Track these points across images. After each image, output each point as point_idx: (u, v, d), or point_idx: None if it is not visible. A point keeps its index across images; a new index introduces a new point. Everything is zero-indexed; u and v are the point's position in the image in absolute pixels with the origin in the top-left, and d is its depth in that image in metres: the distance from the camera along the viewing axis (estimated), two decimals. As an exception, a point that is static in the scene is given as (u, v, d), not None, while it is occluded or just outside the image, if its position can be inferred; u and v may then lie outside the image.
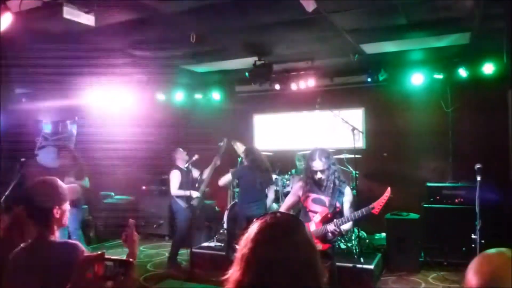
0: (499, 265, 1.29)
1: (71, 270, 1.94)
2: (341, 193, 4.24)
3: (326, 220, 4.17)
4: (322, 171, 4.19)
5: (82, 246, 2.38)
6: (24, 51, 6.42)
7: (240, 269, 1.40)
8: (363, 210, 4.12)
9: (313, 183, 4.29)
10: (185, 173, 7.17)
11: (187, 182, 7.10)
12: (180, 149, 7.40)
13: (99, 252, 1.88)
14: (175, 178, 7.12)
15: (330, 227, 4.08)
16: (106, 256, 1.90)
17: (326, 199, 4.21)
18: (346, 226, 4.20)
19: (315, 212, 4.22)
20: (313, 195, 4.28)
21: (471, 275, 1.31)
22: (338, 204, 4.20)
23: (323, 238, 4.12)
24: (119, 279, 1.91)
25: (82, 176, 6.94)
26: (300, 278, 1.35)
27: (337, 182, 4.23)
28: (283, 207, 4.69)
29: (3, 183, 6.80)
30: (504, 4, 4.14)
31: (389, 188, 4.25)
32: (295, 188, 4.55)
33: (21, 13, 4.16)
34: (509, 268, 1.26)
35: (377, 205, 4.08)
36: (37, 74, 8.58)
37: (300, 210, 4.58)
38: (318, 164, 4.19)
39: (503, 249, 1.30)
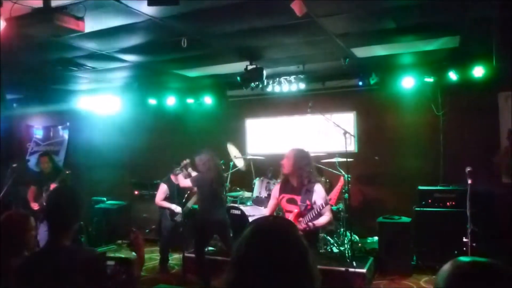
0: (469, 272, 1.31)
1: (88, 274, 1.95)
2: (312, 192, 4.37)
3: (299, 219, 4.33)
4: (291, 171, 4.43)
5: (97, 251, 2.38)
6: (15, 57, 6.39)
7: (234, 272, 1.41)
8: (322, 203, 4.26)
9: (286, 184, 4.52)
10: (175, 186, 7.20)
11: (175, 196, 7.14)
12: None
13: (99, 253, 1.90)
14: (161, 191, 7.24)
15: (299, 225, 4.20)
16: (108, 256, 1.92)
17: (297, 198, 4.38)
18: (320, 221, 4.31)
19: (290, 212, 4.39)
20: (287, 196, 4.48)
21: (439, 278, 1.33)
22: (308, 202, 4.33)
23: None
24: (120, 278, 1.92)
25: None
26: (294, 281, 1.36)
27: (305, 181, 4.39)
28: (267, 211, 4.93)
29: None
30: (492, 7, 4.18)
31: (341, 177, 4.45)
32: (274, 190, 4.76)
33: (12, 19, 4.16)
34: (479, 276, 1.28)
35: (332, 196, 4.25)
36: (28, 79, 8.56)
37: None
38: (286, 164, 4.45)
39: (476, 258, 1.33)
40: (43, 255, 2.33)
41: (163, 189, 7.23)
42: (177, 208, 7.04)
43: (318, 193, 4.38)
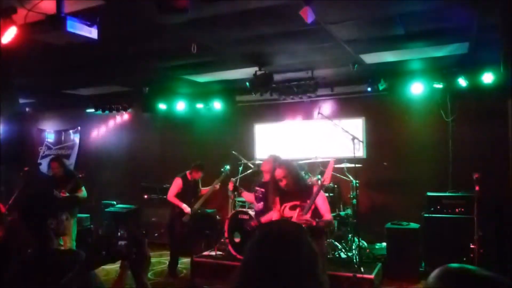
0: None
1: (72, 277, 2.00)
2: (310, 192, 4.47)
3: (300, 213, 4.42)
4: (284, 177, 4.48)
5: (83, 253, 2.43)
6: (28, 62, 6.50)
7: (244, 275, 1.43)
8: (318, 188, 4.39)
9: (284, 194, 4.57)
10: (189, 184, 7.23)
11: (189, 194, 7.16)
12: (200, 172, 7.34)
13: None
14: (175, 185, 7.23)
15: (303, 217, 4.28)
16: (119, 235, 1.97)
17: (298, 202, 4.46)
18: (324, 218, 4.41)
19: (291, 218, 4.45)
20: (288, 204, 4.53)
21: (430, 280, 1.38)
22: (309, 201, 4.40)
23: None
24: (132, 257, 1.97)
25: (77, 188, 7.00)
26: (303, 285, 1.38)
27: (302, 186, 4.54)
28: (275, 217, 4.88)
29: (8, 192, 6.90)
30: (499, 14, 4.19)
31: (332, 160, 4.68)
32: (275, 205, 4.75)
33: (26, 25, 4.25)
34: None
35: (326, 177, 4.41)
36: (41, 84, 8.68)
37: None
38: (279, 172, 4.51)
39: (466, 265, 1.37)
40: (30, 260, 2.38)
41: (177, 183, 7.21)
42: (187, 209, 7.05)
43: (316, 192, 4.50)
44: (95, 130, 11.28)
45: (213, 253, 7.53)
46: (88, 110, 10.59)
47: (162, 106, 9.81)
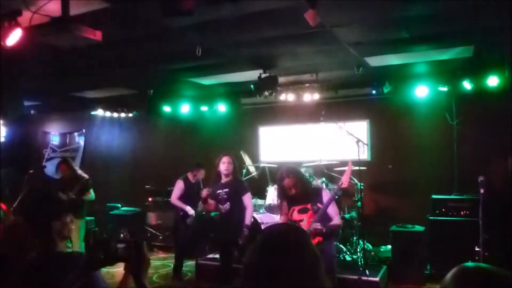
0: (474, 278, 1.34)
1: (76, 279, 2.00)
2: (320, 195, 4.57)
3: (311, 219, 4.46)
4: (293, 186, 4.56)
5: (84, 256, 2.43)
6: (33, 65, 6.53)
7: (247, 278, 1.44)
8: (335, 189, 4.56)
9: (293, 198, 4.65)
10: (192, 186, 7.21)
11: (192, 196, 7.14)
12: (202, 170, 7.37)
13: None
14: (177, 187, 7.22)
15: (313, 225, 4.32)
16: (119, 238, 1.97)
17: (308, 206, 4.53)
18: (333, 222, 4.46)
19: (302, 220, 4.51)
20: (297, 207, 4.60)
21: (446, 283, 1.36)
22: (319, 205, 4.48)
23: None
24: (131, 259, 1.97)
25: (85, 190, 6.99)
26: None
27: (310, 189, 4.67)
28: (280, 221, 4.95)
29: (13, 194, 6.91)
30: (504, 17, 4.18)
31: (350, 162, 4.78)
32: (283, 208, 4.81)
33: (31, 28, 4.26)
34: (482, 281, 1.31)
35: (344, 180, 4.53)
36: (45, 86, 8.72)
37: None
38: (288, 182, 4.58)
39: (481, 264, 1.36)
40: (33, 263, 2.38)
41: (179, 185, 7.20)
42: (191, 211, 7.03)
43: (325, 194, 4.59)
44: (100, 132, 11.30)
45: (217, 255, 7.51)
46: (93, 113, 10.62)
47: (166, 108, 9.82)
